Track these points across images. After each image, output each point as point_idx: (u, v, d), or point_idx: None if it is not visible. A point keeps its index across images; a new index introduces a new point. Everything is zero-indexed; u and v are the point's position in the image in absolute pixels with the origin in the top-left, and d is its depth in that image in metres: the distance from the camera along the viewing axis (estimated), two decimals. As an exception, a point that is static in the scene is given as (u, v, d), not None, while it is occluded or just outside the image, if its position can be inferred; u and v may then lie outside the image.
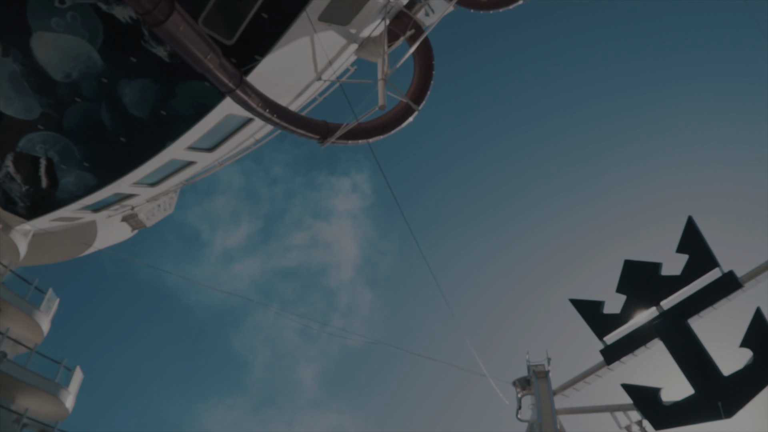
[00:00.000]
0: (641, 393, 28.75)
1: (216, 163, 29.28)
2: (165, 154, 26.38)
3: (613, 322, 29.74)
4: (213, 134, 26.21)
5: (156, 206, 34.38)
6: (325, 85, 25.66)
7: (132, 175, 27.17)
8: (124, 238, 35.73)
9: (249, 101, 19.72)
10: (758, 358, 25.75)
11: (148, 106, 24.79)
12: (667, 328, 28.22)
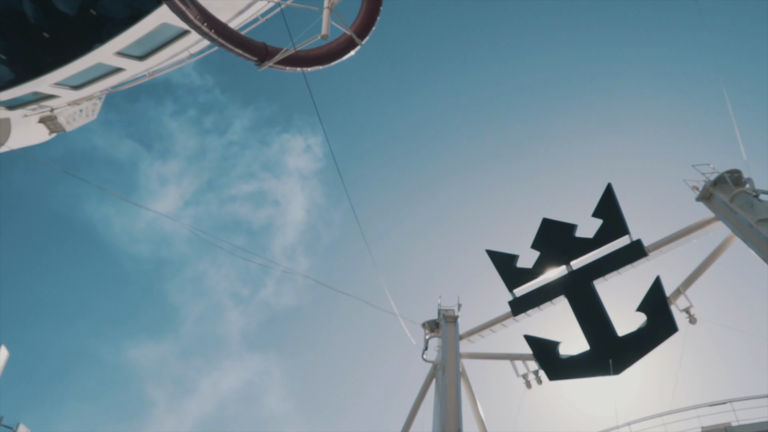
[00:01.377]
0: (541, 345, 30.26)
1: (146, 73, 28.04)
2: (91, 56, 25.00)
3: (524, 276, 30.91)
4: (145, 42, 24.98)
5: (78, 111, 32.77)
6: (268, 6, 24.72)
7: (54, 74, 25.69)
8: (41, 140, 34.00)
9: (186, 12, 18.81)
10: (651, 322, 27.46)
11: (76, 3, 23.30)
12: (573, 286, 29.60)
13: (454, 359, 33.60)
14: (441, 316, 35.62)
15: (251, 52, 20.26)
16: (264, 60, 20.40)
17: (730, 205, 26.70)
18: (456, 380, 32.56)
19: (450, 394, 31.84)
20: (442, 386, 32.23)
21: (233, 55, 19.97)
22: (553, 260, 30.11)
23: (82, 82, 26.90)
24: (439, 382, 32.84)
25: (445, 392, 31.83)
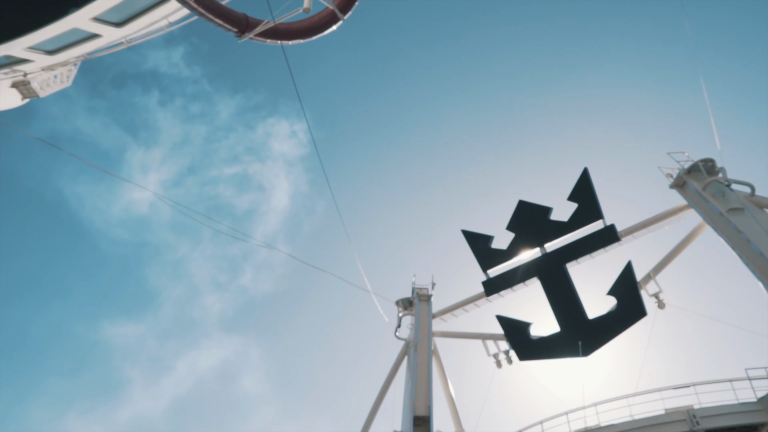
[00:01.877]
0: (512, 325, 30.64)
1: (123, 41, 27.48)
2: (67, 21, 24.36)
3: (498, 257, 31.18)
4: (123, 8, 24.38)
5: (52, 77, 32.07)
6: (250, -23, 24.33)
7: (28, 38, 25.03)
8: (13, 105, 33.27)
9: (166, -21, 18.47)
10: (621, 306, 27.91)
11: (52, -35, 22.65)
12: (546, 268, 29.95)
13: (427, 337, 33.89)
14: (415, 295, 35.84)
15: (231, 22, 19.94)
16: (244, 32, 20.10)
17: (703, 194, 27.08)
18: (428, 358, 32.88)
19: (421, 371, 32.16)
20: (413, 364, 32.53)
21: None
22: (527, 242, 30.39)
23: (57, 47, 26.30)
24: (411, 359, 33.13)
25: (417, 370, 32.13)
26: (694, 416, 22.38)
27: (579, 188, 29.32)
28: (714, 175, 27.66)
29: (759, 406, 21.83)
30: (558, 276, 29.50)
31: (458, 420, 35.32)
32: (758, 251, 23.98)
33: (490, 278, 31.32)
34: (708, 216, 26.77)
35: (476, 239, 31.68)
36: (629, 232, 30.29)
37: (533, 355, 29.97)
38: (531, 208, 30.34)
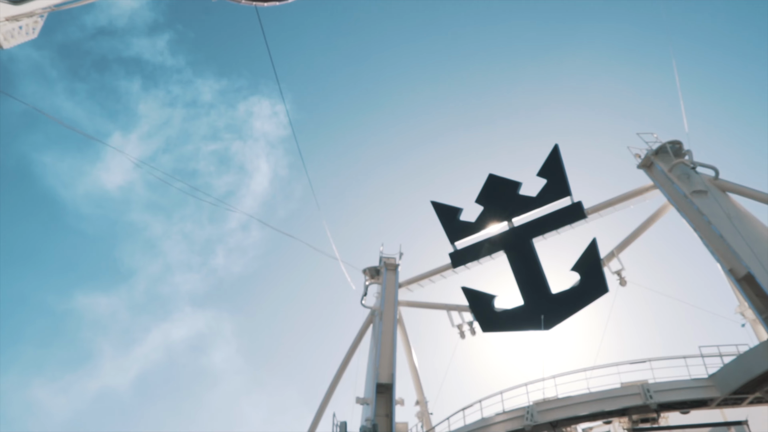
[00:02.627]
0: (477, 297, 31.01)
1: (92, -7, 26.65)
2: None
3: (466, 229, 31.41)
4: (92, -41, 23.74)
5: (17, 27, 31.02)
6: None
7: (-9, -16, 24.18)
8: (-25, 54, 32.13)
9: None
10: (584, 282, 28.42)
11: None
12: (513, 242, 30.28)
13: (392, 306, 34.18)
14: (382, 264, 36.00)
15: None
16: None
17: (669, 175, 27.54)
18: (393, 327, 33.20)
19: (386, 340, 32.48)
20: (378, 332, 32.82)
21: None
22: (495, 216, 30.65)
23: (23, -4, 25.41)
24: (376, 327, 33.42)
25: (381, 338, 32.44)
26: (648, 390, 23.06)
27: (549, 164, 29.56)
28: (681, 157, 28.10)
29: (709, 382, 22.57)
30: (524, 250, 29.86)
31: (420, 388, 35.88)
32: (718, 234, 24.55)
33: (458, 250, 31.58)
34: (672, 197, 27.26)
35: (445, 211, 31.84)
36: (595, 210, 30.74)
37: (496, 327, 30.40)
38: (501, 182, 30.53)
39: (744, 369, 21.20)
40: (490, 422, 25.82)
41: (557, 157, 29.38)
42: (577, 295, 28.53)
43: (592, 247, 28.60)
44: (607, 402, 23.87)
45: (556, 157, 29.40)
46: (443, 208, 31.90)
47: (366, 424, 29.17)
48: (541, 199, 29.70)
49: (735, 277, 24.04)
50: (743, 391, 21.74)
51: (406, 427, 30.28)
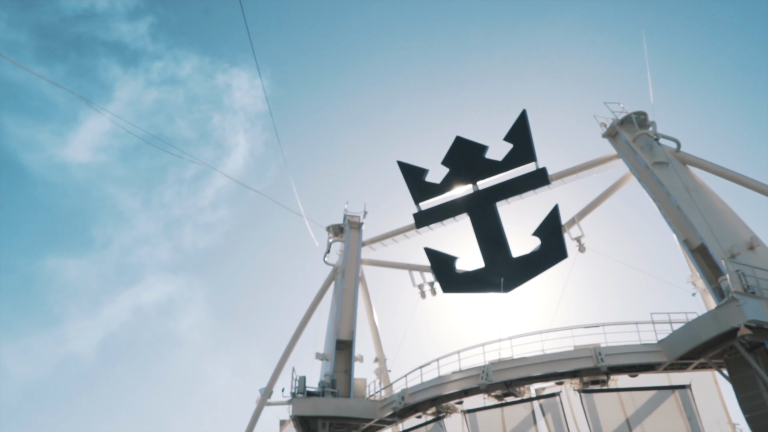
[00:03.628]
0: (439, 258, 31.37)
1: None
2: None
3: (431, 190, 31.56)
4: None
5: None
6: None
7: None
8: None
9: None
10: (544, 246, 28.94)
11: None
12: (476, 205, 30.56)
13: (355, 264, 34.38)
14: (346, 222, 36.04)
15: None
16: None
17: (632, 145, 27.94)
18: (354, 284, 33.46)
19: (347, 297, 32.77)
20: (340, 289, 33.06)
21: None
22: (461, 178, 30.82)
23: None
24: (337, 285, 33.63)
25: (343, 295, 32.70)
26: (600, 354, 23.80)
27: (516, 129, 29.70)
28: (645, 128, 28.49)
29: (658, 348, 23.38)
30: (487, 213, 30.17)
31: (380, 346, 36.40)
32: (676, 205, 25.15)
33: (422, 210, 31.76)
34: (634, 167, 27.73)
35: (411, 171, 31.89)
36: (559, 177, 31.10)
37: (457, 288, 30.85)
38: (467, 145, 30.62)
39: (691, 336, 21.98)
40: (447, 380, 26.43)
41: (524, 123, 29.54)
42: (537, 260, 29.06)
43: (553, 213, 29.05)
44: (560, 364, 24.60)
45: (524, 123, 29.55)
46: (409, 168, 31.93)
47: (325, 379, 29.60)
48: (507, 164, 29.93)
49: (689, 248, 24.76)
50: (689, 357, 22.60)
51: (364, 383, 30.82)
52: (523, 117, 29.54)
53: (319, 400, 28.40)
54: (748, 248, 23.34)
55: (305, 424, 28.59)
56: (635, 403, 25.13)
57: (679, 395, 24.64)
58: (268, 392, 31.85)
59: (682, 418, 24.24)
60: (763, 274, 21.38)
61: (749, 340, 20.08)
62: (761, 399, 19.99)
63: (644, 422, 24.78)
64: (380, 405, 28.82)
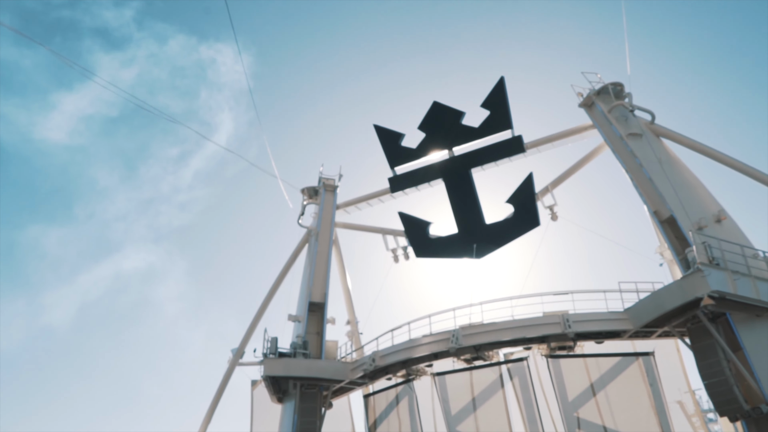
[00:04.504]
0: (413, 223, 31.45)
1: None
2: None
3: (407, 154, 31.46)
4: None
5: None
6: None
7: None
8: None
9: None
10: (517, 214, 29.15)
11: None
12: (452, 171, 30.56)
13: (329, 227, 34.37)
14: (321, 184, 35.90)
15: None
16: None
17: (608, 116, 28.10)
18: (328, 247, 33.51)
19: (320, 259, 32.84)
20: (313, 252, 33.11)
21: None
22: (437, 143, 30.75)
23: None
24: (311, 247, 33.66)
25: (316, 257, 32.77)
26: (568, 320, 24.30)
27: (493, 96, 29.60)
28: (621, 99, 28.62)
29: (624, 316, 23.94)
30: (462, 179, 30.23)
31: (352, 309, 36.68)
32: (648, 176, 25.48)
33: (397, 175, 31.71)
34: (609, 138, 27.94)
35: (387, 135, 31.71)
36: (535, 145, 31.23)
37: (430, 253, 31.03)
38: (444, 111, 30.48)
39: (656, 305, 22.53)
40: (417, 343, 26.81)
41: (502, 90, 29.44)
42: (510, 227, 29.29)
43: (528, 181, 29.21)
44: (528, 329, 25.07)
45: (501, 90, 29.45)
46: (385, 132, 31.76)
47: (297, 341, 29.83)
48: (483, 131, 29.88)
49: (658, 219, 25.19)
50: (653, 325, 23.21)
51: (335, 345, 31.13)
52: (501, 84, 29.44)
53: (291, 361, 28.68)
54: (715, 221, 23.81)
55: (276, 384, 28.89)
56: (600, 368, 25.80)
57: (642, 362, 25.33)
58: (240, 353, 32.07)
59: (645, 384, 24.98)
60: (729, 246, 21.89)
61: (712, 310, 20.67)
62: (720, 366, 20.69)
63: (608, 387, 25.50)
64: (351, 367, 29.19)
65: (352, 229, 37.12)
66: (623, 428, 24.73)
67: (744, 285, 20.90)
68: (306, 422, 27.71)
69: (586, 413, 25.18)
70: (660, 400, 24.48)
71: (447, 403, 27.63)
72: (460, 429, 27.15)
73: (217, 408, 31.61)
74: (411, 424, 28.82)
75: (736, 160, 25.50)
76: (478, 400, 27.32)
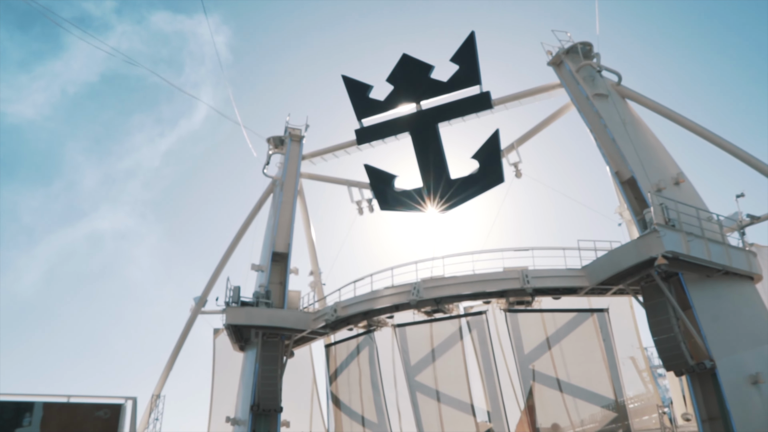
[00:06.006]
0: (378, 175, 31.50)
1: None
2: None
3: (375, 107, 31.28)
4: None
5: None
6: None
7: None
8: None
9: None
10: (482, 170, 29.40)
11: None
12: (419, 124, 30.54)
13: (294, 177, 34.15)
14: (287, 134, 35.50)
15: None
16: None
17: (576, 75, 28.16)
18: (293, 197, 33.36)
19: (285, 210, 32.71)
20: (278, 201, 32.94)
21: None
22: (405, 97, 30.62)
23: None
24: (275, 197, 33.47)
25: (281, 207, 32.63)
26: (527, 276, 24.81)
27: (463, 51, 29.45)
28: (589, 59, 28.66)
29: (581, 273, 24.55)
30: (429, 133, 30.25)
31: (315, 259, 36.79)
32: (611, 137, 25.79)
33: (364, 127, 31.59)
34: (575, 97, 28.06)
35: (355, 86, 31.43)
36: (502, 102, 31.21)
37: (394, 206, 31.20)
38: (414, 63, 30.25)
39: (612, 263, 23.14)
40: (379, 295, 27.13)
41: (472, 45, 29.29)
42: (475, 182, 29.55)
43: (494, 137, 29.38)
44: (488, 284, 25.55)
45: (471, 45, 29.29)
46: (353, 83, 31.46)
47: (259, 290, 29.92)
48: (452, 85, 29.83)
49: (619, 180, 25.63)
50: (609, 282, 23.86)
51: (298, 295, 31.30)
52: (471, 39, 29.27)
53: (253, 310, 28.81)
54: (673, 183, 24.36)
55: (238, 333, 29.06)
56: (556, 323, 26.53)
57: (596, 318, 26.11)
58: (202, 301, 32.09)
59: (598, 339, 25.81)
60: (685, 209, 22.46)
61: (665, 269, 21.31)
62: (669, 324, 21.49)
63: (563, 341, 26.29)
64: (313, 317, 29.47)
65: (318, 179, 36.94)
66: (576, 381, 25.65)
67: (697, 246, 21.56)
68: (267, 370, 28.03)
69: (540, 366, 25.99)
70: (612, 355, 25.36)
71: (407, 354, 28.19)
72: (419, 379, 27.82)
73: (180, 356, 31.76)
74: (371, 373, 29.39)
75: (697, 124, 25.92)
76: (437, 351, 27.92)
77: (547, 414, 25.51)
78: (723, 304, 21.82)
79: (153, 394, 29.67)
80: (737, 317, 21.72)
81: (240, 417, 28.18)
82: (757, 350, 20.86)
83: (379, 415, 28.88)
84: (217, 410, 31.71)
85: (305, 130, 35.93)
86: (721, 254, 22.04)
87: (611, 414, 25.02)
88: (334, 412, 30.89)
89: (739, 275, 22.39)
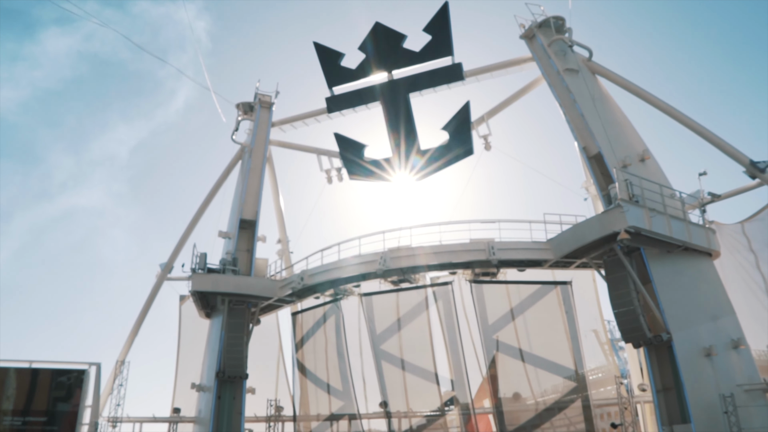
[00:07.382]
0: (348, 144, 31.33)
1: None
2: None
3: (346, 75, 30.96)
4: None
5: None
6: None
7: None
8: None
9: None
10: (452, 141, 29.45)
11: None
12: (390, 94, 30.35)
13: (263, 144, 33.83)
14: (256, 100, 35.05)
15: None
16: None
17: (547, 50, 28.21)
18: (261, 164, 33.09)
19: (253, 176, 32.47)
20: (246, 168, 32.65)
21: None
22: (376, 65, 30.35)
23: None
24: (244, 164, 33.14)
25: (249, 174, 32.37)
26: (493, 248, 25.13)
27: (436, 21, 29.21)
28: (561, 33, 28.71)
29: (546, 246, 24.95)
30: (400, 103, 30.13)
31: (283, 227, 36.68)
32: (580, 112, 26.01)
33: (335, 95, 31.29)
34: (546, 71, 28.16)
35: (327, 54, 31.02)
36: (474, 74, 31.18)
37: (363, 175, 31.16)
38: (386, 32, 29.93)
39: (577, 237, 23.54)
40: (346, 264, 27.24)
41: (445, 15, 29.06)
42: (444, 153, 29.63)
43: (464, 109, 29.37)
44: (455, 255, 25.83)
45: (445, 15, 29.06)
46: (325, 50, 31.04)
47: (226, 257, 29.79)
48: (424, 55, 29.64)
49: (587, 155, 25.92)
50: (573, 256, 24.29)
51: (265, 262, 31.25)
52: (445, 9, 29.03)
53: (219, 277, 28.72)
54: (639, 160, 24.72)
55: (204, 300, 28.98)
56: (520, 295, 26.98)
57: (560, 290, 26.59)
58: (168, 267, 31.79)
59: (561, 311, 26.32)
60: (649, 185, 22.85)
61: (627, 244, 21.81)
62: (629, 297, 22.02)
63: (526, 313, 26.78)
64: (280, 284, 29.50)
65: (287, 147, 36.67)
66: (538, 352, 26.21)
67: (659, 222, 22.01)
68: (233, 338, 28.09)
69: (504, 336, 26.48)
70: (574, 327, 25.91)
71: (372, 323, 28.45)
72: (384, 348, 28.14)
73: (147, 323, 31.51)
74: (337, 342, 29.62)
75: (664, 102, 26.24)
76: (402, 320, 28.24)
77: (509, 383, 26.07)
78: (682, 279, 22.39)
79: (117, 360, 29.48)
80: (695, 292, 22.30)
81: (205, 384, 28.25)
82: (711, 324, 21.50)
83: (344, 382, 29.19)
84: (182, 377, 31.71)
85: (275, 97, 35.53)
86: (682, 230, 22.54)
87: (571, 384, 25.66)
88: (299, 379, 31.13)
89: (699, 251, 22.93)
